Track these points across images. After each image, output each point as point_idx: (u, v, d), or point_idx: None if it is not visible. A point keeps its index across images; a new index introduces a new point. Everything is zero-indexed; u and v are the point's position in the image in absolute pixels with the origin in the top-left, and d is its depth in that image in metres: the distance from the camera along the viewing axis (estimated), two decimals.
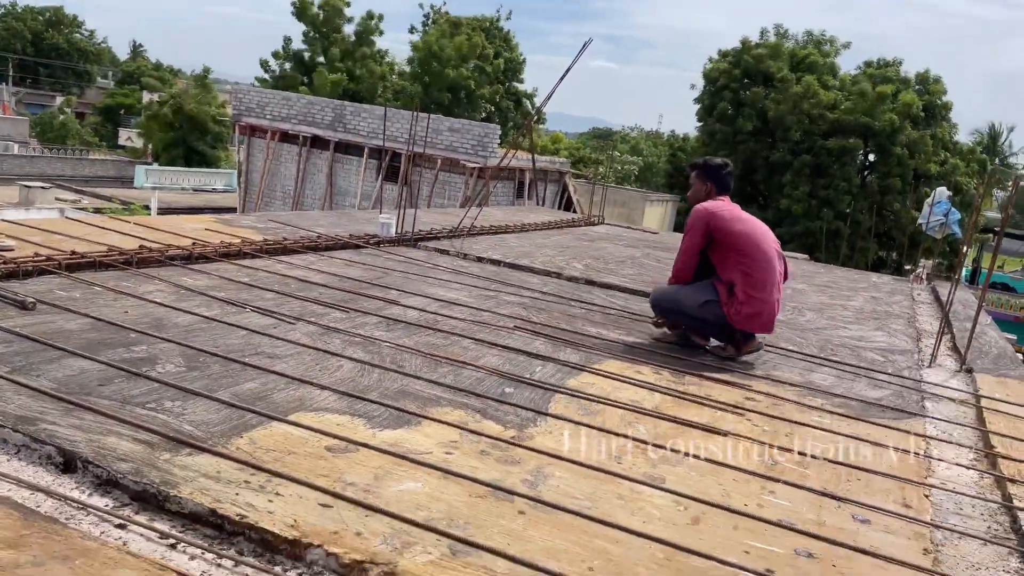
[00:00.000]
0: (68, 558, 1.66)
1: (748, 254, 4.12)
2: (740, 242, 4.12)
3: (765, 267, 4.12)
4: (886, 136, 25.62)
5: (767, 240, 4.19)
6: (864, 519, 2.43)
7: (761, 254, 4.12)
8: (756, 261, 4.11)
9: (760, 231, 4.22)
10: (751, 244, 4.13)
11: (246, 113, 21.04)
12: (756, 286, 4.08)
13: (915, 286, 8.83)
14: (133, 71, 54.68)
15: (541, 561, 1.90)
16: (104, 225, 5.34)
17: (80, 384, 2.58)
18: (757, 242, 4.14)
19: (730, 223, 4.15)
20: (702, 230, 4.19)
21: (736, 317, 4.12)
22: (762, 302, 4.10)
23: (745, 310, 4.10)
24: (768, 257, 4.13)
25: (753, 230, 4.19)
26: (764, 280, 4.11)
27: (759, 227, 4.25)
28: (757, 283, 4.09)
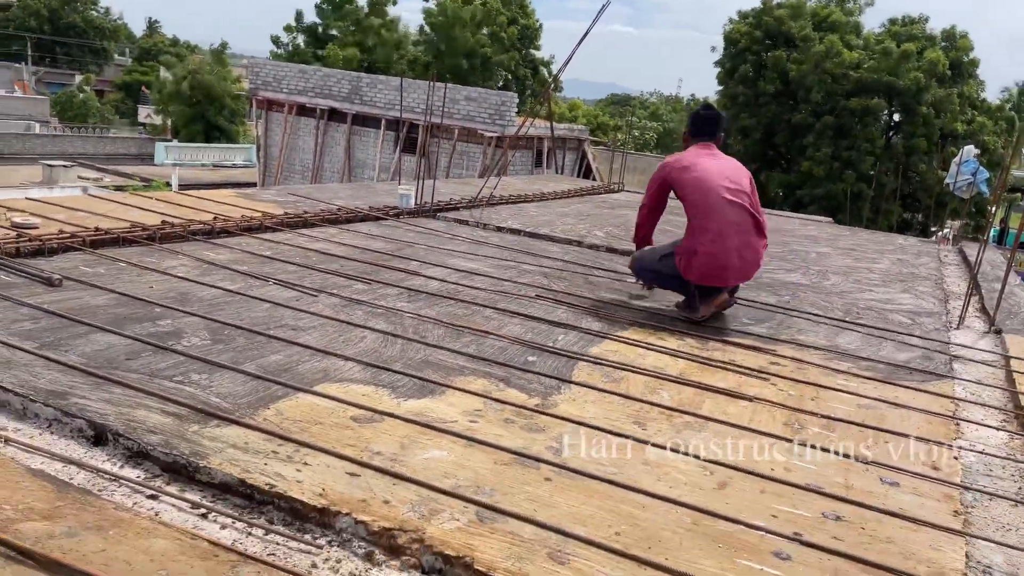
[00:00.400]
0: (102, 528, 1.69)
1: (694, 202, 3.95)
2: (687, 190, 3.97)
3: (712, 214, 3.88)
4: (911, 95, 25.09)
5: (718, 186, 3.91)
6: (892, 482, 2.42)
7: (710, 200, 3.89)
8: (702, 208, 3.91)
9: (712, 176, 3.94)
10: (698, 191, 3.93)
11: (263, 87, 21.04)
12: (705, 235, 3.89)
13: (942, 247, 8.70)
14: (150, 47, 54.75)
15: (568, 526, 1.90)
16: (126, 202, 5.37)
17: (108, 358, 2.61)
18: (706, 189, 3.91)
19: (679, 172, 4.01)
20: (657, 184, 4.17)
21: (685, 269, 3.98)
22: (711, 254, 3.88)
23: (695, 262, 3.93)
24: (717, 203, 3.88)
25: (703, 176, 3.94)
26: (713, 228, 3.88)
27: (713, 172, 3.96)
28: (707, 231, 3.89)
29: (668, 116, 49.08)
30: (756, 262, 4.05)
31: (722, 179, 3.95)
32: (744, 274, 4.07)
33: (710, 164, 4.02)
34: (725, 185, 3.93)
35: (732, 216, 3.90)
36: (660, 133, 44.70)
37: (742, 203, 3.94)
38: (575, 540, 1.86)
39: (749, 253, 3.97)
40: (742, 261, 3.95)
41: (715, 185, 3.92)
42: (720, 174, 3.98)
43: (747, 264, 4.00)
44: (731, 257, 3.91)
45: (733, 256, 3.91)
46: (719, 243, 3.89)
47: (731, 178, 3.99)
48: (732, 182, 3.97)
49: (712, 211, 3.90)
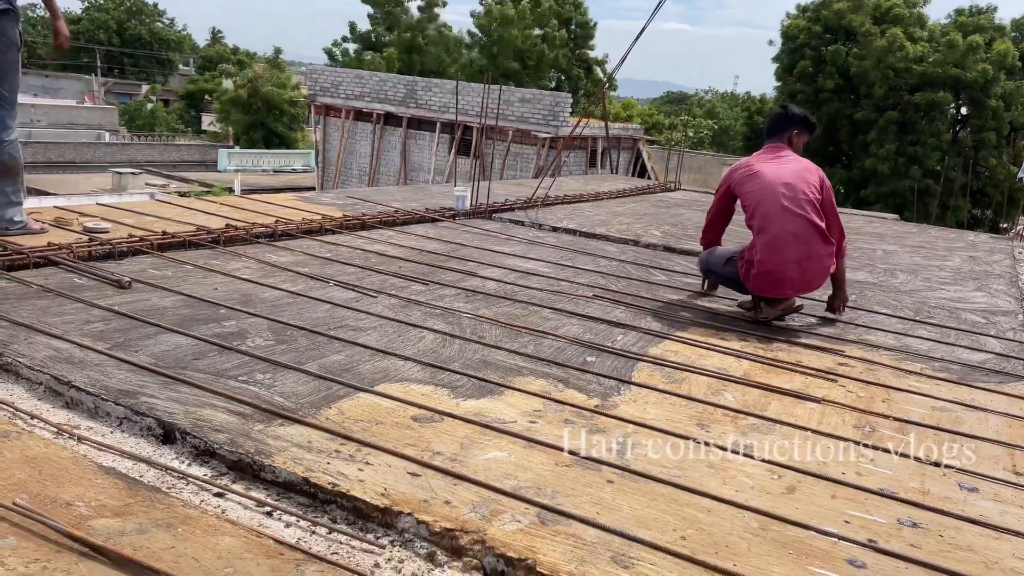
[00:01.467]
0: (171, 525, 1.72)
1: (752, 212, 3.87)
2: (746, 200, 3.92)
3: (769, 225, 3.78)
4: (979, 88, 24.19)
5: (776, 193, 3.77)
6: (972, 487, 2.31)
7: (766, 210, 3.79)
8: (759, 218, 3.83)
9: (770, 183, 3.82)
10: (755, 200, 3.85)
11: (321, 93, 21.40)
12: (763, 247, 3.80)
13: (1016, 244, 8.36)
14: (212, 57, 56.28)
15: (631, 530, 1.87)
16: (191, 206, 5.50)
17: (176, 358, 2.67)
18: (762, 198, 3.81)
19: (741, 179, 3.96)
20: (721, 191, 4.17)
21: (745, 278, 3.93)
22: (768, 268, 3.78)
23: (752, 274, 3.87)
24: (774, 213, 3.76)
25: (762, 184, 3.84)
26: (769, 240, 3.78)
27: (772, 179, 3.83)
28: (764, 243, 3.79)
29: (724, 114, 48.33)
30: (820, 272, 3.86)
31: (780, 186, 3.80)
32: (806, 286, 3.90)
33: (771, 169, 3.89)
34: (783, 192, 3.78)
35: (790, 227, 3.75)
36: (716, 131, 44.06)
37: (803, 212, 3.76)
38: (639, 544, 1.82)
39: (811, 264, 3.79)
40: (802, 273, 3.80)
41: (773, 193, 3.79)
42: (778, 180, 3.82)
43: (809, 276, 3.84)
44: (788, 270, 3.78)
45: (791, 269, 3.78)
46: (776, 256, 3.77)
47: (792, 183, 3.81)
48: (792, 189, 3.79)
49: (768, 221, 3.79)
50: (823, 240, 3.81)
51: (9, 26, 3.81)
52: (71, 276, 3.55)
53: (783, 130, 4.07)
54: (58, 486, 1.84)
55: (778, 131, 4.08)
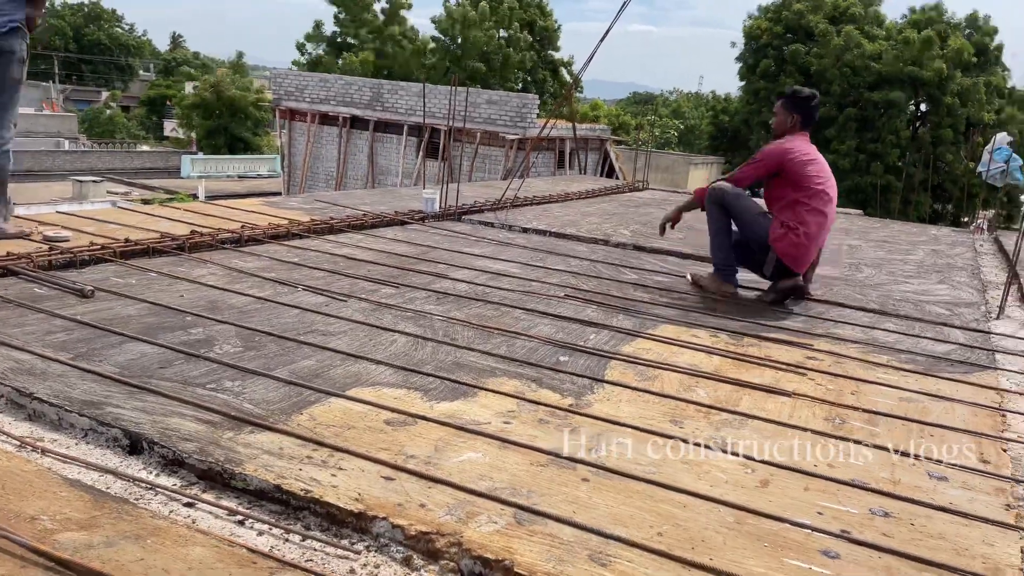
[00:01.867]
0: (140, 537, 1.68)
1: (815, 193, 4.22)
2: (808, 180, 4.22)
3: (825, 209, 4.25)
4: (935, 85, 24.72)
5: (835, 189, 4.35)
6: (941, 476, 2.35)
7: (827, 198, 4.26)
8: (820, 201, 4.23)
9: (831, 176, 4.34)
10: (820, 185, 4.24)
11: (285, 97, 21.21)
12: (814, 222, 4.21)
13: (977, 237, 8.53)
14: (172, 61, 55.52)
15: (608, 528, 1.86)
16: (155, 213, 5.41)
17: (142, 367, 2.61)
18: (826, 185, 4.26)
19: (805, 161, 4.25)
20: (772, 166, 4.28)
21: (781, 242, 4.22)
22: (811, 238, 4.22)
23: (791, 236, 4.19)
24: (831, 203, 4.28)
25: (825, 171, 4.31)
26: (820, 220, 4.24)
27: (830, 173, 4.36)
28: (815, 219, 4.21)
29: (690, 113, 48.78)
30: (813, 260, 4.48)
31: (827, 172, 4.33)
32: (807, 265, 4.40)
33: (826, 167, 4.35)
34: (831, 184, 4.32)
35: (831, 220, 4.33)
36: (682, 131, 44.45)
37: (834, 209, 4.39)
38: (616, 541, 1.81)
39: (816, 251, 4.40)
40: (812, 255, 4.38)
41: (833, 184, 4.32)
42: (825, 166, 4.34)
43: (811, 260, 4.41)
44: (813, 252, 4.33)
45: (814, 250, 4.33)
46: (819, 237, 4.27)
47: (830, 173, 4.36)
48: (831, 177, 4.35)
49: (827, 206, 4.26)
50: None
51: (18, 42, 4.09)
52: (31, 286, 3.46)
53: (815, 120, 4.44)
54: (21, 500, 1.79)
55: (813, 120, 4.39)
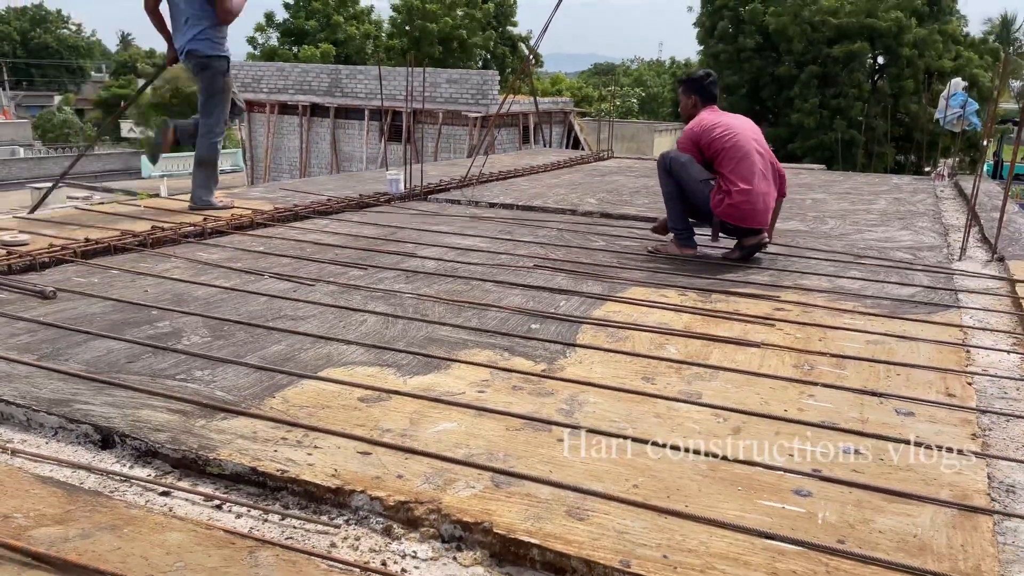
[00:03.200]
0: (116, 527, 1.67)
1: (730, 156, 4.26)
2: (722, 143, 4.27)
3: (745, 160, 4.25)
4: (892, 36, 24.89)
5: (747, 137, 4.31)
6: (908, 412, 2.40)
7: (741, 148, 4.26)
8: (736, 154, 4.25)
9: (740, 127, 4.34)
10: (730, 140, 4.27)
11: (242, 89, 20.89)
12: (739, 178, 4.23)
13: (938, 183, 8.65)
14: (126, 61, 54.36)
15: (584, 484, 1.89)
16: (115, 211, 5.33)
17: (109, 363, 2.59)
18: (736, 138, 4.27)
19: (710, 129, 4.33)
20: (691, 146, 4.43)
21: (719, 208, 4.29)
22: (745, 192, 4.21)
23: (727, 200, 4.25)
24: (748, 150, 4.26)
25: (732, 126, 4.32)
26: (746, 175, 4.23)
27: (740, 125, 4.37)
28: (741, 178, 4.23)
29: (652, 81, 48.76)
30: (771, 210, 4.41)
31: (748, 131, 4.36)
32: (764, 219, 4.36)
33: (733, 121, 4.40)
34: (752, 136, 4.35)
35: (760, 164, 4.29)
36: (643, 99, 44.45)
37: (766, 153, 4.38)
38: (593, 496, 1.84)
39: (768, 200, 4.35)
40: (764, 207, 4.32)
41: (745, 135, 4.32)
42: (747, 127, 4.40)
43: (767, 210, 4.35)
44: (758, 201, 4.26)
45: (759, 200, 4.27)
46: (751, 187, 4.23)
47: (752, 132, 4.40)
48: (756, 133, 4.41)
49: (746, 158, 4.25)
50: (773, 180, 4.41)
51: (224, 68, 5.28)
52: None
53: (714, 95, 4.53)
54: None
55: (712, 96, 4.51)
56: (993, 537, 1.74)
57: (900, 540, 1.70)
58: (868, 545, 1.67)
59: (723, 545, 1.66)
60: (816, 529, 1.73)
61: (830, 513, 1.79)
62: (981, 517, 1.81)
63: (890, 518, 1.79)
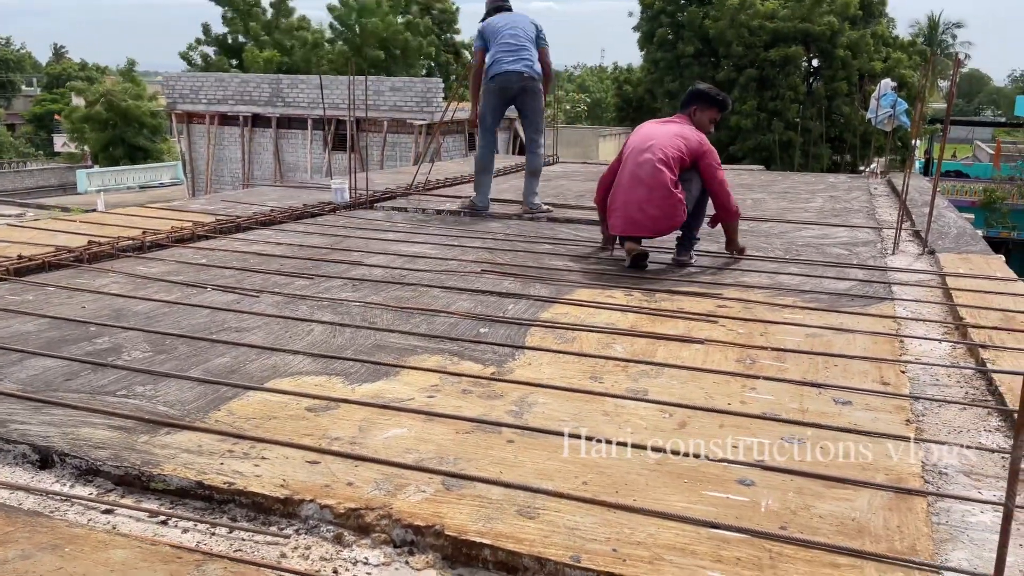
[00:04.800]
0: (57, 547, 1.63)
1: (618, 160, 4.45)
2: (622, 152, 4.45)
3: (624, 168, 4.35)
4: (827, 40, 25.63)
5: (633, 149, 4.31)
6: (845, 401, 2.47)
7: (625, 155, 4.38)
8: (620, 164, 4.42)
9: (633, 140, 4.38)
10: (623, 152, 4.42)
11: (181, 100, 20.51)
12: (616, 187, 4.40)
13: (871, 181, 8.93)
14: (59, 74, 52.84)
15: (535, 483, 1.91)
16: (49, 227, 5.18)
17: (45, 381, 2.52)
18: (625, 148, 4.40)
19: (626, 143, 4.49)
20: None
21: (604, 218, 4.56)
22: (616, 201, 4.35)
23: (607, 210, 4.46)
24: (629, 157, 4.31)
25: (630, 139, 4.43)
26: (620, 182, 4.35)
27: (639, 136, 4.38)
28: (617, 184, 4.39)
29: (595, 87, 49.28)
30: (664, 217, 4.19)
31: (640, 139, 4.32)
32: (651, 227, 4.24)
33: (646, 128, 4.44)
34: (639, 144, 4.29)
35: (637, 171, 4.22)
36: (590, 104, 44.89)
37: (651, 159, 4.17)
38: (543, 495, 1.86)
39: (651, 208, 4.17)
40: (643, 214, 4.21)
41: (632, 144, 4.34)
42: (643, 135, 4.36)
43: (651, 217, 4.20)
44: (631, 210, 4.24)
45: (633, 209, 4.23)
46: (623, 196, 4.29)
47: (655, 139, 4.25)
48: (651, 141, 4.25)
49: (623, 167, 4.35)
50: (668, 188, 4.15)
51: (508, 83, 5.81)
52: None
53: (687, 105, 4.49)
54: None
55: (684, 106, 4.51)
56: (927, 518, 1.81)
57: (839, 524, 1.76)
58: (809, 530, 1.73)
59: (671, 536, 1.69)
60: (759, 517, 1.77)
61: (773, 501, 1.84)
62: (916, 499, 1.88)
63: (829, 503, 1.84)
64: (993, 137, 33.62)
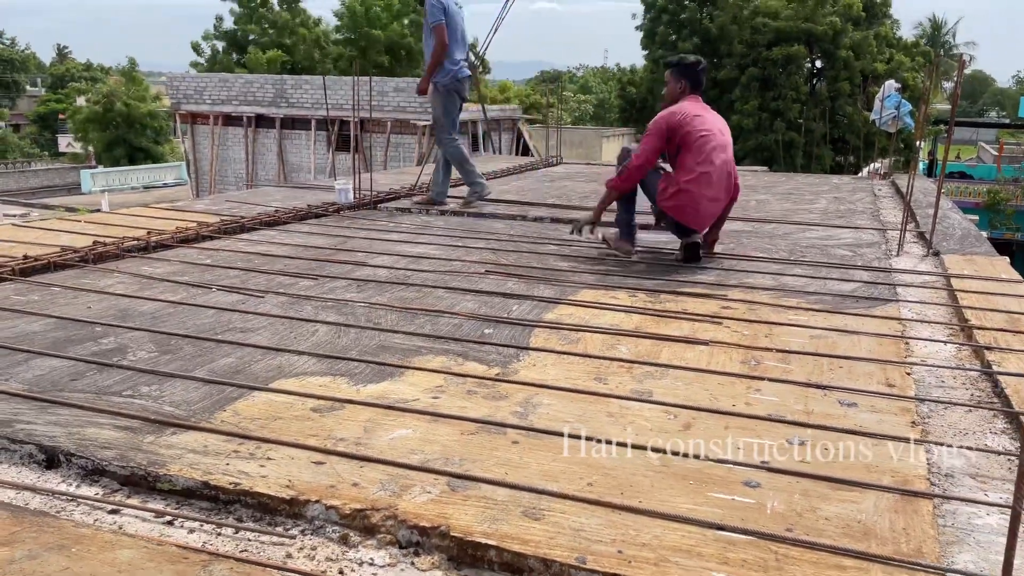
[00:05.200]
0: (64, 547, 1.64)
1: (693, 145, 4.25)
2: (692, 136, 4.25)
3: (705, 161, 4.25)
4: (830, 40, 25.61)
5: (717, 140, 4.29)
6: (850, 403, 2.47)
7: (703, 150, 4.24)
8: (699, 153, 4.24)
9: (717, 129, 4.33)
10: (700, 138, 4.25)
11: (185, 100, 20.54)
12: (690, 174, 4.26)
13: (875, 183, 8.92)
14: (63, 74, 52.96)
15: (540, 484, 1.91)
16: (54, 227, 5.19)
17: (52, 381, 2.53)
18: (705, 137, 4.25)
19: (690, 120, 4.29)
20: (663, 131, 4.34)
21: (662, 198, 4.39)
22: (688, 190, 4.27)
23: (670, 190, 4.33)
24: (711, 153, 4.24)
25: (709, 124, 4.32)
26: (698, 171, 4.25)
27: (717, 127, 4.36)
28: (691, 172, 4.26)
29: (598, 88, 49.29)
30: (716, 216, 4.47)
31: (722, 137, 4.35)
32: (704, 222, 4.42)
33: (712, 120, 4.39)
34: (723, 143, 4.34)
35: (716, 171, 4.29)
36: (594, 105, 44.90)
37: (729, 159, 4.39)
38: (548, 496, 1.86)
39: (713, 207, 4.38)
40: (707, 211, 4.36)
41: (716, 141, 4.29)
42: (721, 132, 4.38)
43: (711, 215, 4.40)
44: (701, 203, 4.31)
45: (702, 203, 4.31)
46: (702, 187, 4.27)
47: (725, 138, 4.39)
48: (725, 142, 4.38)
49: (705, 161, 4.26)
50: (729, 189, 4.43)
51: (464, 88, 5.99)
52: None
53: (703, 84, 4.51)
54: None
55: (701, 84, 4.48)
56: (933, 520, 1.80)
57: (845, 526, 1.75)
58: (815, 532, 1.73)
59: (676, 538, 1.69)
60: (765, 519, 1.77)
61: (778, 503, 1.84)
62: (921, 501, 1.88)
63: (835, 505, 1.84)
64: (997, 139, 33.57)
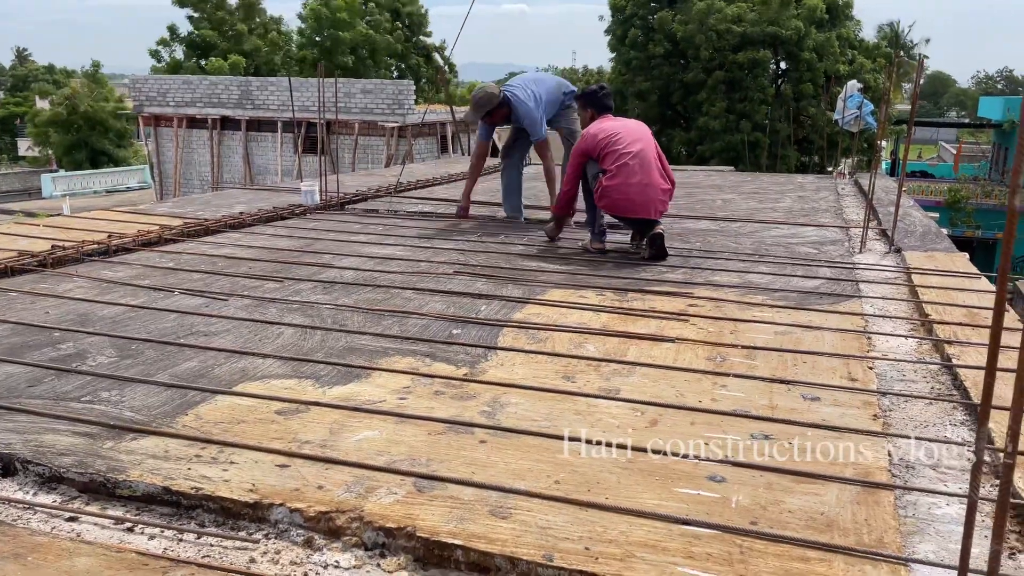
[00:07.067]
0: (19, 555, 1.60)
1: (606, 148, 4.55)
2: (601, 144, 4.58)
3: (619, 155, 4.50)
4: (794, 43, 25.94)
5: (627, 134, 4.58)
6: (813, 397, 2.50)
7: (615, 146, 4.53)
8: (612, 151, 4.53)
9: (623, 127, 4.63)
10: (608, 140, 4.56)
11: (147, 103, 20.24)
12: (616, 169, 4.49)
13: (839, 181, 9.05)
14: (24, 76, 51.93)
15: (507, 483, 1.90)
16: (11, 231, 5.08)
17: (7, 388, 2.47)
18: (614, 136, 4.56)
19: (595, 135, 4.63)
20: (579, 156, 4.74)
21: (599, 198, 4.61)
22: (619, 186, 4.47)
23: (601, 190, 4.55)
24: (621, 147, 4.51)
25: (614, 128, 4.61)
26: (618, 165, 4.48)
27: (623, 126, 4.65)
28: (612, 168, 4.50)
29: None
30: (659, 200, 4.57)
31: (623, 130, 4.62)
32: (646, 208, 4.53)
33: (613, 124, 4.70)
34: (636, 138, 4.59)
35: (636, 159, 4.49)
36: None
37: (645, 146, 4.56)
38: (515, 494, 1.85)
39: (651, 191, 4.52)
40: (642, 195, 4.50)
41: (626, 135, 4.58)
42: (624, 126, 4.67)
43: (648, 199, 4.52)
44: (631, 191, 4.48)
45: (634, 190, 4.48)
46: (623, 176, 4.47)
47: (635, 128, 4.67)
48: (634, 130, 4.65)
49: (620, 151, 4.51)
50: (660, 174, 4.60)
51: None
52: None
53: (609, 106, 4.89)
54: None
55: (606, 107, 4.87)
56: (895, 511, 1.83)
57: (809, 518, 1.77)
58: (779, 524, 1.74)
59: (642, 533, 1.70)
60: (730, 512, 1.78)
61: (743, 496, 1.86)
62: (883, 493, 1.90)
63: (799, 498, 1.86)
64: (957, 138, 34.27)
